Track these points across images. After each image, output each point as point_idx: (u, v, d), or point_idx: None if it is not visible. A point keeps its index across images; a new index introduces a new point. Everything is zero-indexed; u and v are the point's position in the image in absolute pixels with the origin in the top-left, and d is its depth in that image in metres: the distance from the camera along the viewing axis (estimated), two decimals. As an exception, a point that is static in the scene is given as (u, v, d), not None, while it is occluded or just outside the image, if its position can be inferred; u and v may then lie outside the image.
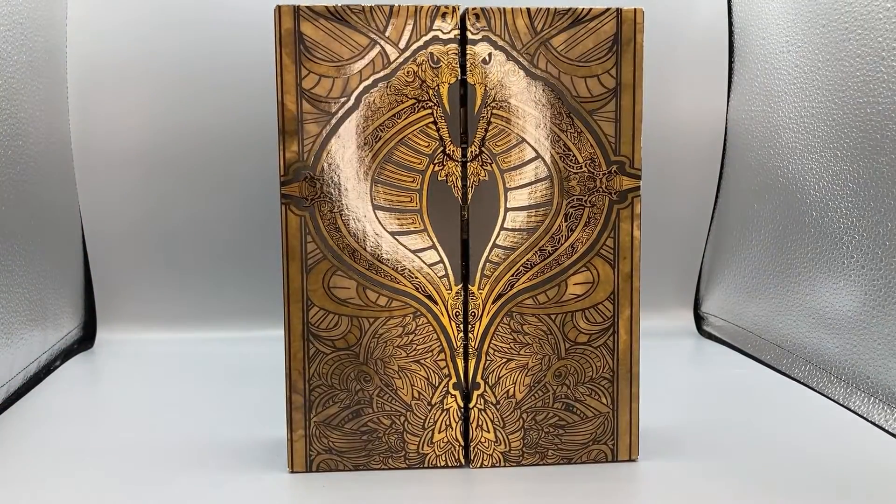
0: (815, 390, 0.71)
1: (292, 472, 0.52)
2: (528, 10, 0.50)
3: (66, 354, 0.84)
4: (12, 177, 0.70)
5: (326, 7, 0.49)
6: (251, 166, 0.88)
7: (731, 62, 0.91)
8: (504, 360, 0.52)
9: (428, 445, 0.53)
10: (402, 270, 0.51)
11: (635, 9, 0.51)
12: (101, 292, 0.89)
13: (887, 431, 0.61)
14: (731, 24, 0.91)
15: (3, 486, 0.52)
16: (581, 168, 0.51)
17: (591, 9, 0.51)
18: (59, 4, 0.84)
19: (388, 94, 0.50)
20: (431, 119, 0.50)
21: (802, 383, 0.73)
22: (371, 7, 0.49)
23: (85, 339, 0.89)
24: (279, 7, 0.49)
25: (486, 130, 0.50)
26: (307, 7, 0.49)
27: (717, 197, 0.93)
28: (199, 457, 0.56)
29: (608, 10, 0.51)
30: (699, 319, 0.95)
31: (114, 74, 0.86)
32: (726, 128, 0.91)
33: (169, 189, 0.88)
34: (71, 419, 0.64)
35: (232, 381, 0.74)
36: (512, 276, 0.52)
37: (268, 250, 0.89)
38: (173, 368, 0.79)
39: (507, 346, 0.52)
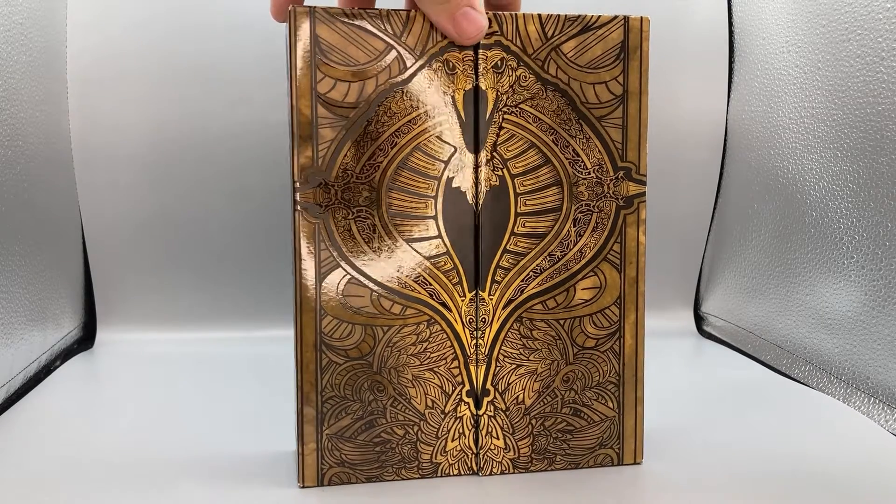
0: (816, 390, 0.71)
1: (303, 486, 0.51)
2: (539, 16, 0.50)
3: (66, 354, 0.83)
4: (12, 177, 0.70)
5: (343, 9, 0.48)
6: (251, 166, 0.88)
7: (731, 62, 0.91)
8: (514, 366, 0.52)
9: (441, 454, 0.52)
10: (417, 277, 0.50)
11: (641, 17, 0.51)
12: (101, 292, 0.89)
13: (888, 431, 0.61)
14: (731, 24, 0.91)
15: (2, 486, 0.52)
16: (589, 174, 0.51)
17: (599, 16, 0.51)
18: (59, 4, 0.83)
19: (403, 100, 0.49)
20: (447, 125, 0.50)
21: (802, 383, 0.74)
22: (388, 11, 0.49)
23: (85, 339, 0.89)
24: (294, 8, 0.48)
25: (498, 135, 0.50)
26: (323, 9, 0.48)
27: (717, 197, 0.93)
28: (200, 461, 0.55)
29: (616, 17, 0.51)
30: (699, 319, 0.96)
31: (114, 75, 0.86)
32: (726, 128, 0.92)
33: (169, 189, 0.88)
34: (71, 420, 0.64)
35: (233, 382, 0.74)
36: (522, 281, 0.51)
37: (268, 250, 0.89)
38: (174, 369, 0.79)
39: (517, 352, 0.52)
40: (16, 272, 0.70)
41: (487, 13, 0.49)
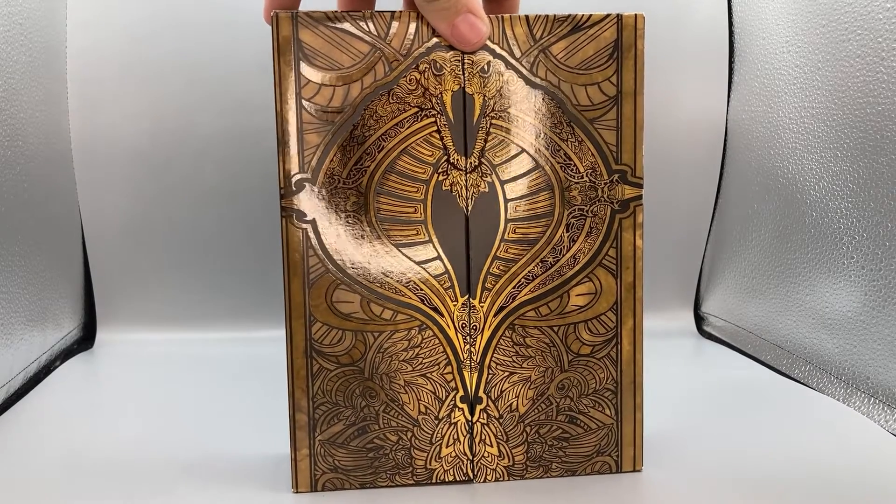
0: (816, 390, 0.71)
1: (297, 492, 0.51)
2: (527, 17, 0.49)
3: (66, 355, 0.84)
4: (12, 177, 0.70)
5: (326, 13, 0.47)
6: (251, 167, 0.88)
7: (731, 62, 0.91)
8: (507, 373, 0.51)
9: (436, 460, 0.52)
10: (408, 283, 0.50)
11: (636, 15, 0.50)
12: (101, 292, 0.89)
13: (888, 431, 0.61)
14: (731, 24, 0.90)
15: (2, 486, 0.52)
16: (582, 177, 0.51)
17: (590, 15, 0.50)
18: (59, 4, 0.83)
19: (390, 103, 0.48)
20: (435, 128, 0.49)
21: (802, 383, 0.73)
22: (372, 12, 0.48)
23: (85, 340, 0.89)
24: (277, 13, 0.47)
25: (486, 141, 0.49)
26: (306, 13, 0.47)
27: (717, 197, 0.93)
28: (199, 463, 0.55)
29: (608, 16, 0.50)
30: (699, 320, 0.95)
31: (114, 75, 0.86)
32: (726, 128, 0.91)
33: (169, 189, 0.88)
34: (71, 420, 0.64)
35: (233, 383, 0.74)
36: (514, 288, 0.51)
37: (267, 251, 0.89)
38: (173, 369, 0.79)
39: (510, 359, 0.51)
40: (16, 272, 0.70)
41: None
